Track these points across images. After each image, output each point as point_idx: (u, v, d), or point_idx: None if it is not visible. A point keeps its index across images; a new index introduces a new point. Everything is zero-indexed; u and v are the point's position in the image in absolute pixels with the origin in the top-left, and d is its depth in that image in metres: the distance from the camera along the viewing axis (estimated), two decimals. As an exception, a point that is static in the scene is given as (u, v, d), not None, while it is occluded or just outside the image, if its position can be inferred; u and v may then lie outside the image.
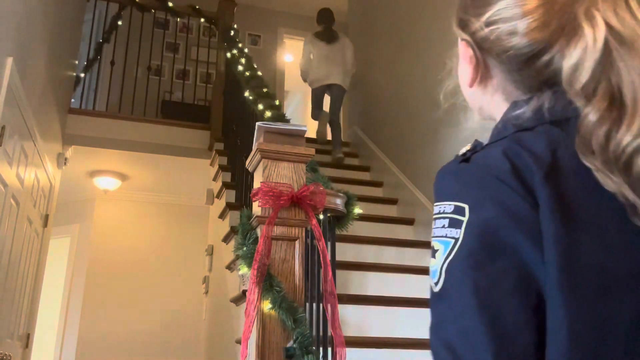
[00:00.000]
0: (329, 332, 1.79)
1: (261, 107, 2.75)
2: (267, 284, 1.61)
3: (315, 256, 1.92)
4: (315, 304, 1.94)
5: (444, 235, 0.53)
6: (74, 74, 4.68)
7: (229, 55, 4.03)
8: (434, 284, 0.53)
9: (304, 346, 1.55)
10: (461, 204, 0.53)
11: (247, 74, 3.33)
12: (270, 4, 6.83)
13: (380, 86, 4.74)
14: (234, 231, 2.95)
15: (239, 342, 1.84)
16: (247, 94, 3.10)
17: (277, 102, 2.87)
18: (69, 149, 4.34)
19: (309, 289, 1.88)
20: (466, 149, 0.58)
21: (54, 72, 3.68)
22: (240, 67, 3.50)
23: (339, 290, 2.32)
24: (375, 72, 4.89)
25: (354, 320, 2.66)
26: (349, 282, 2.91)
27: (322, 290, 1.79)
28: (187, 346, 5.17)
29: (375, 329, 2.65)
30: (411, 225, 3.69)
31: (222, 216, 3.59)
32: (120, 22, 5.01)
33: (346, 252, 2.98)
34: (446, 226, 0.53)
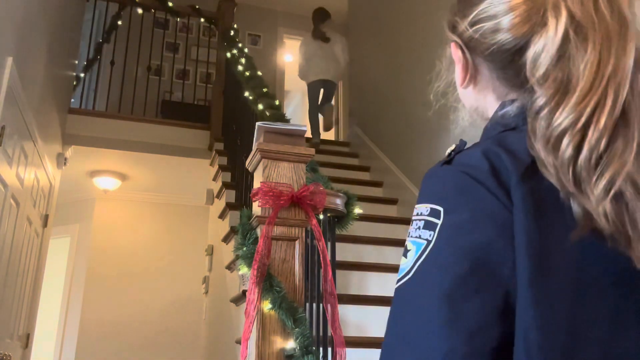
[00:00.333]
0: (329, 332, 1.79)
1: (261, 107, 2.75)
2: (267, 284, 1.61)
3: (315, 256, 1.92)
4: (315, 304, 1.94)
5: (418, 236, 0.54)
6: (74, 74, 4.68)
7: (229, 55, 4.03)
8: (399, 279, 0.54)
9: (304, 346, 1.55)
10: (437, 206, 0.54)
11: (247, 74, 3.33)
12: (270, 4, 6.83)
13: (380, 86, 4.74)
14: (234, 231, 2.95)
15: (239, 342, 1.84)
16: (247, 94, 3.10)
17: (277, 102, 2.87)
18: (69, 149, 4.34)
19: (309, 289, 1.88)
20: (451, 149, 0.58)
21: (54, 72, 3.68)
22: (240, 67, 3.50)
23: (339, 290, 2.32)
24: (375, 72, 4.89)
25: (354, 320, 2.66)
26: (349, 282, 2.91)
27: (322, 290, 1.79)
28: (187, 346, 5.17)
29: (375, 329, 2.65)
30: (411, 225, 3.68)
31: (222, 216, 3.59)
32: (120, 22, 5.01)
33: (346, 252, 2.98)
34: (421, 228, 0.54)
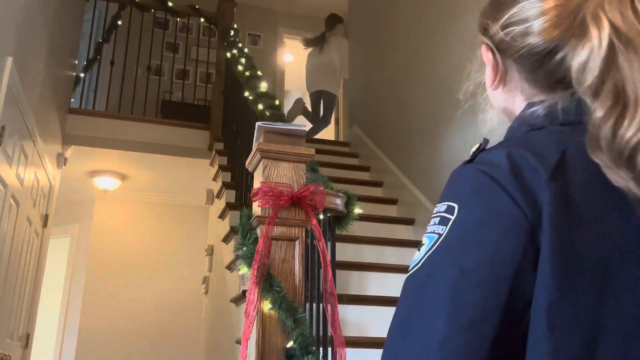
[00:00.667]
0: (329, 332, 1.79)
1: (261, 107, 2.75)
2: (267, 284, 1.61)
3: (315, 256, 1.92)
4: (315, 304, 1.94)
5: (432, 231, 0.56)
6: (74, 74, 4.68)
7: (228, 55, 4.03)
8: (410, 269, 0.57)
9: (304, 346, 1.55)
10: (452, 203, 0.55)
11: (247, 73, 3.33)
12: (270, 4, 6.83)
13: (380, 86, 4.74)
14: (234, 231, 2.95)
15: (239, 342, 1.84)
16: (247, 94, 3.10)
17: (277, 102, 2.87)
18: (69, 149, 4.34)
19: (309, 289, 1.88)
20: (475, 148, 0.60)
21: (54, 72, 3.68)
22: (240, 67, 3.49)
23: (339, 290, 2.32)
24: (375, 72, 4.89)
25: (354, 320, 2.66)
26: (349, 282, 2.91)
27: (322, 290, 1.78)
28: (187, 346, 5.17)
29: (375, 329, 2.65)
30: (411, 225, 3.68)
31: (222, 216, 3.59)
32: (120, 22, 5.01)
33: (346, 252, 2.98)
34: (436, 223, 0.56)
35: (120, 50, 4.94)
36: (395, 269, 3.04)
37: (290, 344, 1.59)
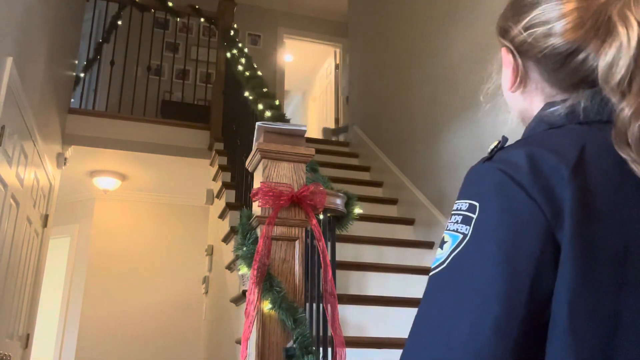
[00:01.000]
0: (329, 332, 1.79)
1: (261, 107, 2.75)
2: (267, 284, 1.61)
3: (315, 256, 1.92)
4: (315, 304, 1.94)
5: (455, 230, 0.56)
6: (74, 74, 4.68)
7: (228, 55, 4.03)
8: (434, 268, 0.57)
9: (304, 346, 1.55)
10: (474, 202, 0.56)
11: (247, 73, 3.33)
12: (270, 4, 6.84)
13: (380, 86, 4.74)
14: (233, 231, 2.95)
15: (239, 342, 1.84)
16: (247, 94, 3.10)
17: (277, 102, 2.87)
18: (69, 149, 4.34)
19: (309, 289, 1.88)
20: (494, 145, 0.61)
21: (54, 72, 3.68)
22: (240, 67, 3.49)
23: (339, 290, 2.32)
24: (375, 72, 4.89)
25: (354, 320, 2.66)
26: (349, 282, 2.91)
27: (322, 290, 1.78)
28: (187, 346, 5.17)
29: (375, 329, 2.65)
30: (411, 225, 3.68)
31: (222, 216, 3.58)
32: (120, 22, 5.01)
33: (346, 252, 2.98)
34: (459, 222, 0.56)
35: (120, 50, 4.94)
36: (395, 269, 3.04)
37: (290, 344, 1.59)
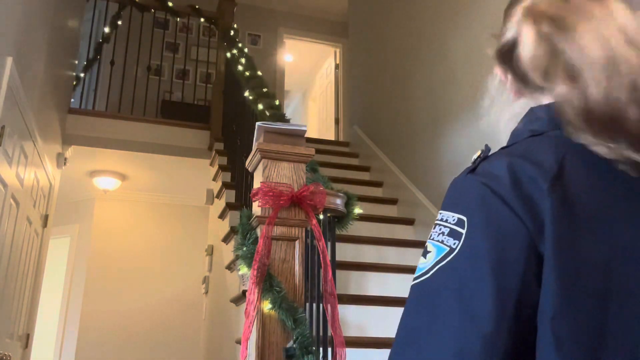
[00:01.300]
0: (329, 332, 1.79)
1: (261, 107, 2.75)
2: (267, 284, 1.61)
3: (315, 256, 1.92)
4: (315, 304, 1.94)
5: (441, 241, 0.55)
6: (74, 74, 4.68)
7: (228, 55, 4.02)
8: (416, 278, 0.56)
9: (304, 346, 1.55)
10: (462, 216, 0.55)
11: (247, 74, 3.33)
12: (270, 4, 6.83)
13: (380, 86, 4.74)
14: (234, 231, 2.95)
15: (239, 342, 1.84)
16: (247, 94, 3.10)
17: (277, 102, 2.87)
18: (69, 149, 4.34)
19: (309, 289, 1.88)
20: (476, 155, 0.60)
21: (54, 72, 3.68)
22: (240, 67, 3.49)
23: (339, 290, 2.32)
24: (375, 72, 4.89)
25: (354, 320, 2.65)
26: (349, 282, 2.91)
27: (322, 290, 1.78)
28: (187, 346, 5.17)
29: (375, 329, 2.64)
30: (411, 225, 3.68)
31: (222, 216, 3.58)
32: (120, 22, 5.01)
33: (346, 252, 2.98)
34: (445, 234, 0.55)
35: (120, 50, 4.94)
36: (395, 269, 3.04)
37: (290, 344, 1.59)
